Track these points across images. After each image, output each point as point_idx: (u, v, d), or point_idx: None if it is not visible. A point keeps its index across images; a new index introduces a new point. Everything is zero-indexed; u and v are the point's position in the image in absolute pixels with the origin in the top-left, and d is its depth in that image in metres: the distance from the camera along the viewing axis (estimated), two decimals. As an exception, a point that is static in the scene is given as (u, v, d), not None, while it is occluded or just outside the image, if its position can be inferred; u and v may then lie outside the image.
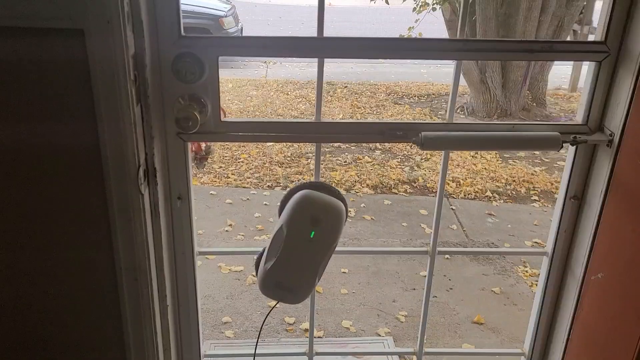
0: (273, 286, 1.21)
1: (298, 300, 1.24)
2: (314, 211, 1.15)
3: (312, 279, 1.20)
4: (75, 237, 1.14)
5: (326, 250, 1.18)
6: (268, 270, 1.18)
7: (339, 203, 1.17)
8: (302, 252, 1.17)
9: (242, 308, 3.02)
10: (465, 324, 2.94)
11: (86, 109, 1.02)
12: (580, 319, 1.26)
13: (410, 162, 5.55)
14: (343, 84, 8.82)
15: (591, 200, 1.25)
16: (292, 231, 1.16)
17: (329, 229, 1.16)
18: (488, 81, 6.83)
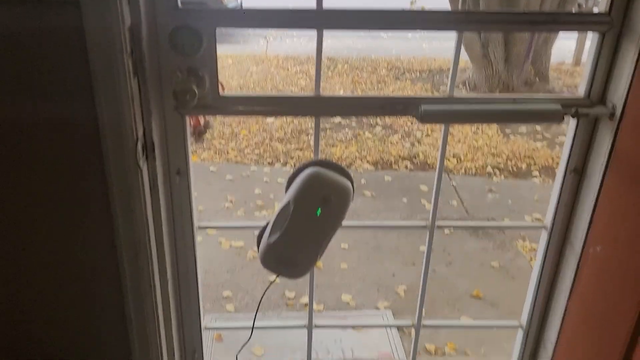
0: (274, 260, 1.22)
1: (298, 275, 1.25)
2: (324, 190, 1.15)
3: (314, 256, 1.21)
4: (75, 212, 1.14)
5: (331, 228, 1.18)
6: (271, 244, 1.19)
7: (347, 183, 1.17)
8: (307, 228, 1.17)
9: (243, 283, 3.05)
10: (464, 298, 2.96)
11: (83, 82, 1.01)
12: (578, 291, 1.27)
13: (411, 138, 5.54)
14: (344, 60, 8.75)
15: (591, 174, 1.24)
16: (299, 207, 1.16)
17: (336, 209, 1.16)
18: (490, 55, 6.76)
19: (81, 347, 1.29)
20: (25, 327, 1.26)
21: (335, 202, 1.15)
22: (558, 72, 7.93)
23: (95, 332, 1.28)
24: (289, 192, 1.19)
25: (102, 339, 1.28)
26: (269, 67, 8.22)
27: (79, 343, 1.28)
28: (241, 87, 7.30)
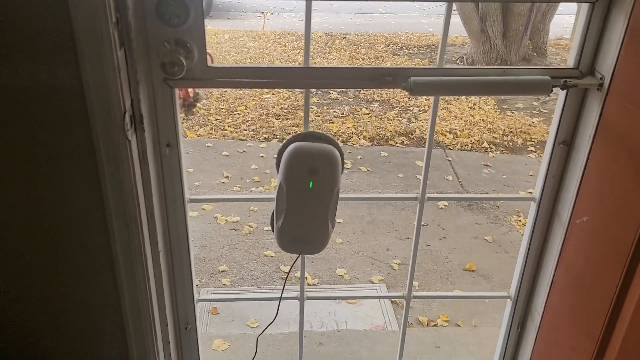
0: (289, 241, 1.23)
1: (317, 249, 1.26)
2: (307, 162, 1.16)
3: (324, 227, 1.21)
4: (64, 184, 1.14)
5: (329, 196, 1.19)
6: (280, 228, 1.21)
7: (329, 148, 1.17)
8: (306, 203, 1.18)
9: (239, 257, 3.08)
10: (457, 271, 3.00)
11: (68, 52, 1.01)
12: (565, 261, 1.29)
13: (408, 114, 5.52)
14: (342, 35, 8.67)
15: (580, 145, 1.25)
16: (291, 186, 1.17)
17: (326, 176, 1.17)
18: (488, 30, 6.70)
19: (73, 319, 1.30)
20: (13, 304, 1.27)
21: (323, 170, 1.16)
22: (556, 47, 7.87)
23: (87, 304, 1.29)
24: (279, 174, 1.19)
25: (94, 311, 1.30)
26: (266, 43, 8.15)
27: (70, 316, 1.30)
28: (238, 63, 7.24)
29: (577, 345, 1.21)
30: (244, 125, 5.08)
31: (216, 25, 9.07)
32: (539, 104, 5.87)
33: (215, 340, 2.13)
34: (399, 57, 7.57)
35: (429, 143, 1.36)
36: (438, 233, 3.37)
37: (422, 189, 1.42)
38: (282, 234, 1.22)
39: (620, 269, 1.05)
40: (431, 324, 2.56)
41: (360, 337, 2.18)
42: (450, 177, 4.17)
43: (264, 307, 2.53)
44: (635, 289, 1.02)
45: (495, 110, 5.64)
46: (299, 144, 1.17)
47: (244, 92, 5.90)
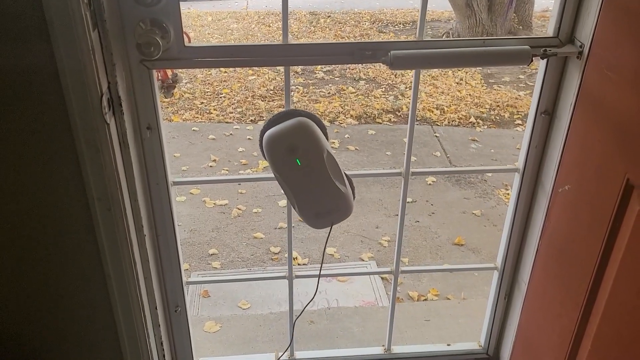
0: (315, 219, 1.23)
1: (347, 213, 1.25)
2: (282, 145, 1.15)
3: (337, 191, 1.20)
4: (43, 170, 1.13)
5: (321, 163, 1.17)
6: (300, 212, 1.21)
7: (297, 120, 1.16)
8: (306, 180, 1.18)
9: (228, 240, 3.08)
10: (446, 245, 3.02)
11: (41, 34, 0.99)
12: (548, 230, 1.30)
13: (395, 91, 5.51)
14: (326, 14, 8.59)
15: (561, 115, 1.25)
16: (282, 173, 1.17)
17: (306, 147, 1.16)
18: (474, 4, 6.67)
19: (61, 306, 1.30)
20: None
21: (300, 143, 1.15)
22: (542, 19, 7.86)
23: (74, 291, 1.29)
24: (269, 166, 1.20)
25: (82, 297, 1.29)
26: (250, 24, 8.06)
27: (58, 303, 1.29)
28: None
29: (562, 312, 1.23)
30: (230, 108, 5.04)
31: (199, 7, 8.95)
32: (525, 77, 5.87)
33: (206, 323, 2.14)
34: (385, 34, 7.53)
35: (411, 117, 1.36)
36: (427, 209, 3.38)
37: (406, 164, 1.42)
38: (306, 216, 1.23)
39: (601, 235, 1.06)
40: (421, 299, 2.59)
41: (351, 314, 2.20)
42: (438, 153, 4.18)
43: (255, 289, 2.54)
44: (616, 255, 1.03)
45: (482, 85, 5.64)
46: (268, 132, 1.17)
47: (229, 74, 5.84)
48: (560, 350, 1.23)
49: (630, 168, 0.98)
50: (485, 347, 1.68)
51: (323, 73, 5.88)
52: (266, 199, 3.49)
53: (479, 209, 3.36)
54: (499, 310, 1.59)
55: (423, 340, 2.05)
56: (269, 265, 2.86)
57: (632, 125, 0.97)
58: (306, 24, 8.03)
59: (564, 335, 1.21)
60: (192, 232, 3.15)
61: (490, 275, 1.58)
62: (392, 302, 1.63)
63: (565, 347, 1.20)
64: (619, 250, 1.02)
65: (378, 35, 7.58)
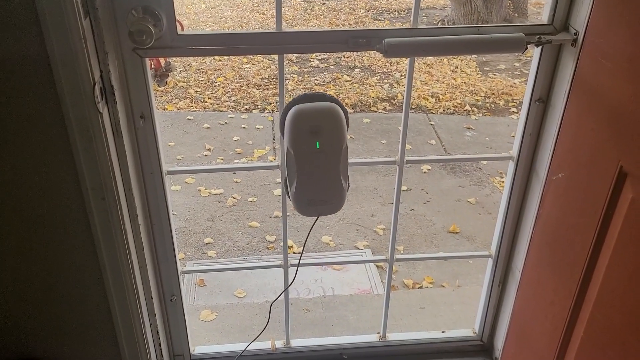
0: (307, 205, 1.22)
1: (337, 208, 1.25)
2: (309, 123, 1.15)
3: (339, 185, 1.21)
4: (37, 160, 1.12)
5: (338, 154, 1.18)
6: (295, 193, 1.20)
7: (330, 105, 1.17)
8: (316, 164, 1.18)
9: (224, 229, 3.08)
10: (441, 233, 3.03)
11: (32, 23, 0.98)
12: (542, 218, 1.30)
13: (390, 79, 5.49)
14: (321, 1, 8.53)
15: (555, 102, 1.25)
16: (298, 150, 1.16)
17: (330, 134, 1.16)
18: (468, -8, 6.64)
19: (56, 295, 1.30)
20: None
21: (327, 129, 1.15)
22: (537, 6, 7.83)
23: (69, 280, 1.29)
24: (284, 140, 1.19)
25: (77, 286, 1.29)
26: (244, 11, 8.00)
27: (53, 293, 1.29)
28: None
29: (555, 299, 1.23)
30: (225, 97, 5.02)
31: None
32: (520, 65, 5.86)
33: (202, 311, 2.15)
34: (380, 22, 7.49)
35: (406, 106, 1.35)
36: (422, 197, 3.39)
37: (401, 152, 1.42)
38: (298, 199, 1.21)
39: (594, 223, 1.07)
40: (416, 286, 2.60)
41: (347, 302, 2.21)
42: (433, 141, 4.18)
43: (251, 277, 2.54)
44: (609, 243, 1.04)
45: (477, 73, 5.63)
46: (298, 107, 1.16)
47: (223, 62, 5.81)
48: (553, 336, 1.24)
49: (623, 156, 0.98)
50: (479, 334, 1.69)
51: (318, 61, 5.85)
52: (261, 187, 3.49)
53: (474, 196, 3.37)
54: (493, 297, 1.60)
55: (418, 328, 2.07)
56: (265, 254, 2.87)
57: (625, 113, 0.97)
58: (300, 12, 7.98)
59: (557, 322, 1.22)
60: (188, 221, 3.15)
61: (484, 262, 1.59)
62: (387, 290, 1.64)
63: (558, 334, 1.21)
64: (611, 237, 1.03)
65: (373, 22, 7.54)
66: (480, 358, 1.68)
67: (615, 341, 1.02)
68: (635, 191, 0.96)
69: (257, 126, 4.43)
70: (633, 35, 0.95)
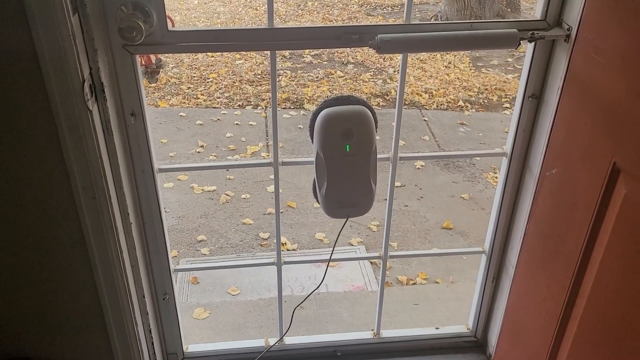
0: (336, 207, 1.23)
1: (365, 210, 1.27)
2: (340, 126, 1.15)
3: (368, 187, 1.22)
4: (27, 159, 1.11)
5: (367, 156, 1.19)
6: (324, 196, 1.21)
7: (360, 108, 1.17)
8: (346, 167, 1.18)
9: (217, 226, 3.06)
10: (435, 229, 3.03)
11: (19, 19, 0.96)
12: (536, 214, 1.30)
13: (383, 75, 5.49)
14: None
15: (549, 98, 1.25)
16: (328, 153, 1.17)
17: (361, 136, 1.17)
18: (461, -13, 6.64)
19: (47, 296, 1.29)
20: (-12, 276, 1.25)
21: (357, 132, 1.15)
22: (530, 2, 7.83)
23: (59, 280, 1.27)
24: (314, 143, 1.19)
25: (68, 285, 1.28)
26: (237, 7, 7.96)
27: (44, 294, 1.28)
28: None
29: (548, 295, 1.23)
30: (217, 93, 5.00)
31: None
32: (513, 60, 5.87)
33: (195, 309, 2.14)
34: (373, 17, 7.47)
35: (399, 101, 1.35)
36: (415, 193, 3.39)
37: (395, 148, 1.41)
38: (328, 202, 1.22)
39: (588, 219, 1.07)
40: (410, 283, 2.60)
41: (341, 299, 2.21)
42: (427, 137, 4.18)
43: (244, 275, 2.54)
44: (602, 239, 1.04)
45: (470, 68, 5.63)
46: (328, 110, 1.16)
47: (216, 58, 5.78)
48: (546, 332, 1.24)
49: (616, 152, 0.98)
50: (473, 330, 1.69)
51: (311, 57, 5.84)
52: (255, 184, 3.48)
53: (468, 192, 3.37)
54: (486, 293, 1.60)
55: (412, 324, 2.07)
56: (258, 251, 2.86)
57: (618, 109, 0.97)
58: (294, 7, 7.95)
59: (550, 317, 1.22)
60: (180, 218, 3.13)
61: (478, 258, 1.59)
62: (381, 287, 1.64)
63: (551, 330, 1.21)
64: (605, 233, 1.03)
65: (366, 18, 7.53)
66: (474, 354, 1.68)
67: (608, 337, 1.02)
68: (629, 187, 0.96)
69: (250, 123, 4.42)
70: (626, 31, 0.94)
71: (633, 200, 0.95)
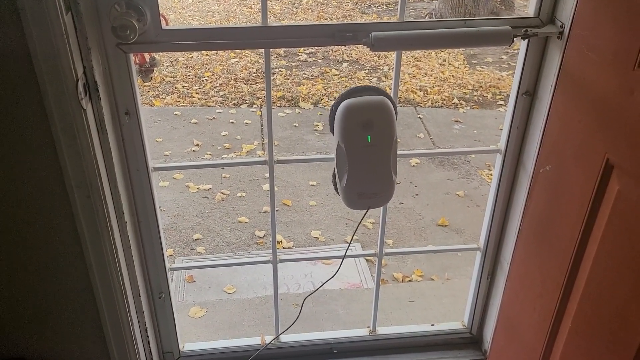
0: (356, 198, 1.23)
1: (386, 200, 1.27)
2: (361, 117, 1.15)
3: (389, 177, 1.21)
4: (20, 158, 1.10)
5: (389, 146, 1.18)
6: (345, 187, 1.21)
7: (379, 98, 1.17)
8: (367, 158, 1.18)
9: (213, 225, 3.06)
10: (430, 227, 3.04)
11: (12, 18, 0.96)
12: (530, 210, 1.31)
13: (378, 73, 5.49)
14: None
15: (542, 95, 1.25)
16: (349, 144, 1.16)
17: (382, 127, 1.17)
18: (455, -15, 6.64)
19: (43, 296, 1.28)
20: (-17, 276, 1.25)
21: (378, 121, 1.15)
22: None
23: (55, 280, 1.27)
24: (334, 134, 1.19)
25: (63, 285, 1.28)
26: (232, 5, 7.94)
27: (39, 292, 1.28)
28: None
29: (543, 292, 1.24)
30: (212, 92, 4.99)
31: (178, -12, 8.77)
32: (507, 58, 5.88)
33: (191, 308, 2.14)
34: (368, 15, 7.47)
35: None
36: (411, 190, 3.39)
37: (389, 146, 1.41)
38: (349, 193, 1.22)
39: (582, 215, 1.07)
40: (406, 280, 2.61)
41: (337, 296, 2.21)
42: (422, 134, 4.18)
43: (240, 273, 2.53)
44: (596, 235, 1.04)
45: (465, 66, 5.64)
46: (349, 101, 1.16)
47: (211, 57, 5.77)
48: (541, 328, 1.25)
49: (610, 148, 0.99)
50: (468, 326, 1.70)
51: (306, 55, 5.83)
52: (250, 183, 3.47)
53: (463, 189, 3.38)
54: (482, 290, 1.61)
55: (408, 321, 2.07)
56: (254, 249, 2.86)
57: (611, 105, 0.97)
58: (288, 5, 7.94)
59: (545, 314, 1.22)
60: (176, 217, 3.13)
61: (473, 255, 1.59)
62: (376, 284, 1.64)
63: (546, 326, 1.22)
64: (598, 229, 1.04)
65: (361, 16, 7.52)
66: (470, 350, 1.69)
67: (602, 332, 1.03)
68: (622, 183, 0.96)
69: (245, 121, 4.41)
70: (619, 28, 0.95)
71: (626, 196, 0.95)
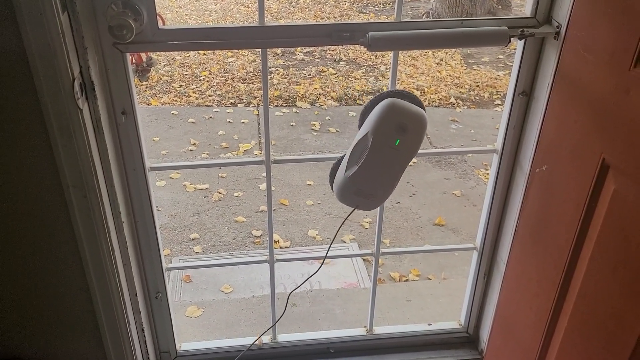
0: (352, 193, 1.21)
1: (374, 206, 1.26)
2: (402, 119, 1.15)
3: (391, 186, 1.21)
4: (17, 158, 1.10)
5: (408, 158, 1.18)
6: (349, 178, 1.19)
7: (423, 112, 1.17)
8: (386, 159, 1.17)
9: (210, 224, 3.06)
10: (427, 226, 3.04)
11: (8, 17, 0.95)
12: (526, 210, 1.31)
13: (375, 73, 5.49)
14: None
15: (539, 95, 1.26)
16: (377, 138, 1.15)
17: (413, 138, 1.16)
18: (452, -16, 6.65)
19: (40, 296, 1.28)
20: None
21: (412, 131, 1.15)
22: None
23: (52, 280, 1.27)
24: (365, 125, 1.17)
25: (60, 284, 1.28)
26: (229, 4, 7.93)
27: (36, 292, 1.28)
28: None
29: (539, 291, 1.24)
30: (210, 91, 4.98)
31: (175, -13, 8.76)
32: (504, 57, 5.89)
33: (188, 308, 2.14)
34: (365, 15, 7.47)
35: (390, 99, 1.35)
36: (408, 190, 3.40)
37: (386, 146, 1.41)
38: (349, 185, 1.19)
39: (578, 215, 1.08)
40: (403, 279, 2.61)
41: (333, 296, 2.21)
42: (418, 134, 4.18)
43: (237, 272, 2.53)
44: (592, 234, 1.05)
45: (462, 65, 5.64)
46: (397, 100, 1.16)
47: (208, 56, 5.76)
48: (537, 328, 1.25)
49: (606, 148, 0.99)
50: (465, 326, 1.70)
51: (303, 54, 5.83)
52: (247, 182, 3.47)
53: (459, 189, 3.38)
54: (478, 289, 1.61)
55: (404, 321, 2.08)
56: (251, 249, 2.86)
57: (607, 105, 0.97)
58: (285, 5, 7.93)
59: (541, 313, 1.23)
60: (173, 216, 3.13)
61: (470, 255, 1.60)
62: (373, 283, 1.65)
63: (542, 325, 1.22)
64: (594, 229, 1.04)
65: (358, 15, 7.53)
66: (466, 350, 1.69)
67: (599, 331, 1.03)
68: (618, 183, 0.97)
69: (242, 120, 4.41)
70: (615, 28, 0.95)
71: (622, 195, 0.96)
